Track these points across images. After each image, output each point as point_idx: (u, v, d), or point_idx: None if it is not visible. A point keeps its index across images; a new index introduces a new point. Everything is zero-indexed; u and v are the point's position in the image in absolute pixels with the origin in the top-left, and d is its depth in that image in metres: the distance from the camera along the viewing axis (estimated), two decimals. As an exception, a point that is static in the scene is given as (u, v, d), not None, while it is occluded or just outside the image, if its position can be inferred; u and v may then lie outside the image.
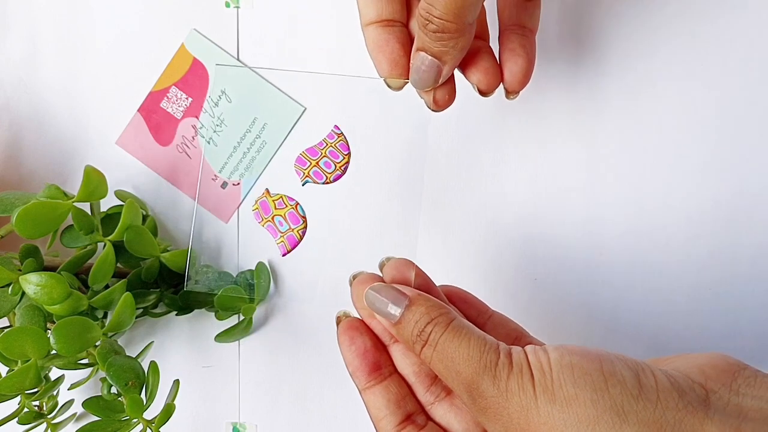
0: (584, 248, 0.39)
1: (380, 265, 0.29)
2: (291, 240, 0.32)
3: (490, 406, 0.23)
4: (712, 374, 0.22)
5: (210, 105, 0.39)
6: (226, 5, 0.40)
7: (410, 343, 0.25)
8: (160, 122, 0.40)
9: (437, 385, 0.28)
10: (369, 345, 0.28)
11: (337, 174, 0.32)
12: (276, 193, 0.32)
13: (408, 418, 0.27)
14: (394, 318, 0.26)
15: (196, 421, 0.42)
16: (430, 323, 0.25)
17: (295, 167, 0.32)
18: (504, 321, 0.30)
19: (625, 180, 0.38)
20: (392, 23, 0.29)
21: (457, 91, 0.30)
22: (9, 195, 0.35)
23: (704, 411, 0.21)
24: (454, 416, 0.28)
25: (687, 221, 0.38)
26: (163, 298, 0.39)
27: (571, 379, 0.22)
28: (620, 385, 0.21)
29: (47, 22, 0.41)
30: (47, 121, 0.41)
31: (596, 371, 0.22)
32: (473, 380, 0.23)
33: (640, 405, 0.21)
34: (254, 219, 0.32)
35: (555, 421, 0.21)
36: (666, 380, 0.22)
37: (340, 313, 0.29)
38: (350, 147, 0.32)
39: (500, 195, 0.39)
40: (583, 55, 0.38)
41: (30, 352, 0.32)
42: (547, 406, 0.22)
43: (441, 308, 0.25)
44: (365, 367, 0.28)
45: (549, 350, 0.23)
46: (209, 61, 0.40)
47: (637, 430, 0.21)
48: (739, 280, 0.38)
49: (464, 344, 0.24)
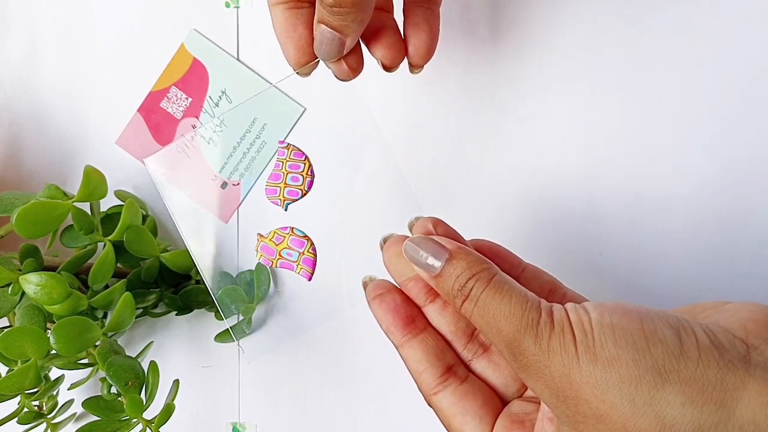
0: (584, 247, 0.39)
1: (409, 225, 0.29)
2: (308, 262, 0.32)
3: (531, 364, 0.23)
4: (753, 329, 0.22)
5: (210, 105, 0.39)
6: (226, 5, 0.40)
7: (450, 297, 0.25)
8: (160, 122, 0.40)
9: (474, 342, 0.28)
10: (399, 300, 0.28)
11: (308, 180, 0.32)
12: (268, 232, 0.32)
13: (449, 369, 0.27)
14: (434, 270, 0.25)
15: (196, 421, 0.42)
16: (472, 278, 0.24)
17: (270, 199, 0.32)
18: (538, 273, 0.30)
19: (625, 180, 0.38)
20: (300, 4, 0.29)
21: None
22: (9, 195, 0.35)
23: (745, 368, 0.21)
24: (492, 372, 0.28)
25: (686, 221, 0.38)
26: (163, 298, 0.39)
27: (612, 339, 0.22)
28: (661, 345, 0.21)
29: (47, 22, 0.41)
30: (47, 121, 0.41)
31: (637, 331, 0.22)
32: (515, 338, 0.23)
33: (681, 364, 0.21)
34: (265, 265, 0.31)
35: (597, 381, 0.21)
36: (706, 338, 0.22)
37: (366, 278, 0.29)
38: (303, 150, 0.32)
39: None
40: (583, 39, 0.38)
41: (30, 352, 0.32)
42: (589, 366, 0.22)
43: (483, 263, 0.25)
44: (399, 321, 0.27)
45: (589, 309, 0.23)
46: (209, 61, 0.40)
47: (678, 389, 0.21)
48: (739, 280, 0.38)
49: (506, 301, 0.24)
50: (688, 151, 0.38)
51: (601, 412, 0.21)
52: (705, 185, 0.38)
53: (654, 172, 0.38)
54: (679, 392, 0.21)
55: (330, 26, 0.27)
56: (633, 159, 0.38)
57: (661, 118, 0.38)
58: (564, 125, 0.39)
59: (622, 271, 0.39)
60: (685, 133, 0.38)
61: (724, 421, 0.20)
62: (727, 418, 0.20)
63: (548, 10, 0.38)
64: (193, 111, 0.40)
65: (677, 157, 0.38)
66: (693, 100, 0.38)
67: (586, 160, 0.38)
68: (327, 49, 0.28)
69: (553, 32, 0.38)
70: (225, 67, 0.40)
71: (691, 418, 0.20)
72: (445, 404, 0.27)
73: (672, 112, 0.38)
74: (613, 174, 0.38)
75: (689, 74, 0.38)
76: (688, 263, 0.38)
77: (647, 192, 0.38)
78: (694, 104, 0.38)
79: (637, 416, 0.21)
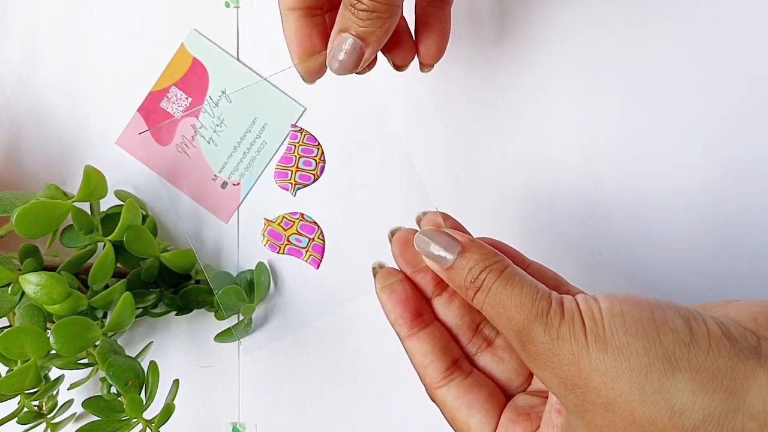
0: (584, 246, 0.39)
1: (417, 219, 0.29)
2: (317, 249, 0.31)
3: (540, 353, 0.23)
4: (764, 322, 0.22)
5: (210, 105, 0.39)
6: (226, 5, 0.40)
7: (462, 289, 0.25)
8: (160, 122, 0.40)
9: (478, 337, 0.28)
10: (410, 292, 0.28)
11: (321, 166, 0.32)
12: (275, 216, 0.32)
13: (454, 363, 0.27)
14: (446, 263, 0.26)
15: (196, 421, 0.42)
16: (484, 270, 0.25)
17: (279, 183, 0.31)
18: (542, 270, 0.30)
19: (625, 179, 0.38)
20: (315, 11, 0.29)
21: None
22: (9, 195, 0.35)
23: (756, 359, 0.21)
24: (496, 366, 0.28)
25: (687, 219, 0.38)
26: (162, 298, 0.39)
27: (622, 327, 0.22)
28: (672, 333, 0.21)
29: (47, 22, 0.41)
30: (47, 121, 0.41)
31: (647, 319, 0.22)
32: (524, 326, 0.23)
33: (692, 353, 0.21)
34: (271, 252, 0.31)
35: (606, 369, 0.21)
36: (717, 328, 0.22)
37: (375, 264, 0.29)
38: (315, 136, 0.32)
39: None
40: (584, 39, 0.38)
41: (30, 352, 0.32)
42: (599, 354, 0.22)
43: (495, 255, 0.25)
44: (408, 314, 0.27)
45: (600, 299, 0.23)
46: (209, 61, 0.40)
47: (688, 378, 0.21)
48: (739, 278, 0.38)
49: (517, 291, 0.24)
50: (688, 151, 0.38)
51: (610, 400, 0.21)
52: (705, 184, 0.38)
53: (654, 172, 0.38)
54: (689, 380, 0.21)
55: (354, 32, 0.27)
56: (633, 158, 0.38)
57: (661, 118, 0.38)
58: (565, 125, 0.39)
59: (622, 270, 0.39)
60: (685, 132, 0.38)
61: (734, 410, 0.20)
62: (737, 406, 0.20)
63: (550, 11, 0.38)
64: (193, 111, 0.40)
65: (677, 157, 0.38)
66: (693, 100, 0.38)
67: (586, 160, 0.39)
68: (346, 59, 0.27)
69: (554, 33, 0.38)
70: (225, 67, 0.40)
71: (701, 405, 0.20)
72: (450, 398, 0.27)
73: (672, 111, 0.38)
74: (614, 173, 0.38)
75: (689, 74, 0.38)
76: (688, 262, 0.38)
77: (647, 191, 0.38)
78: (694, 104, 0.38)
79: (647, 404, 0.21)
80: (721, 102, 0.37)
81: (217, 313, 0.40)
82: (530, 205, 0.39)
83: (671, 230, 0.38)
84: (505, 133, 0.39)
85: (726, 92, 0.37)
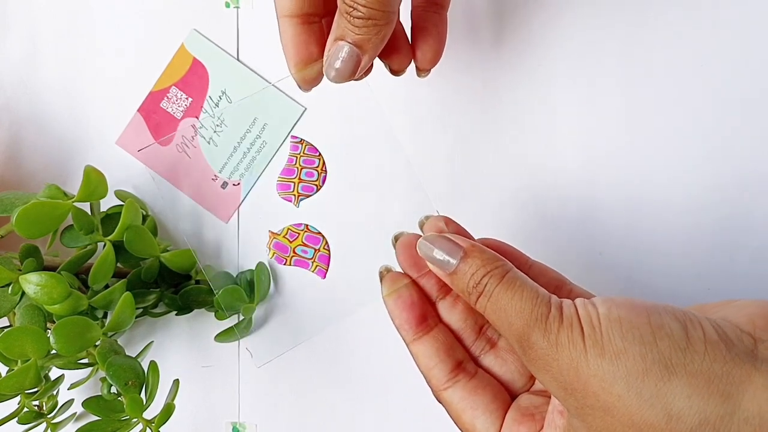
0: (584, 247, 0.39)
1: (420, 224, 0.29)
2: (323, 259, 0.32)
3: (540, 357, 0.23)
4: (761, 324, 0.22)
5: (210, 105, 0.39)
6: (226, 5, 0.40)
7: (465, 293, 0.26)
8: (160, 122, 0.40)
9: (482, 339, 0.29)
10: (416, 297, 0.28)
11: (323, 176, 0.32)
12: (280, 229, 0.32)
13: (459, 365, 0.28)
14: (449, 267, 0.26)
15: (196, 421, 0.42)
16: (486, 275, 0.25)
17: (281, 195, 0.32)
18: (544, 270, 0.30)
19: (625, 180, 0.38)
20: (312, 18, 0.28)
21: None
22: (9, 195, 0.35)
23: (751, 362, 0.21)
24: (500, 367, 0.28)
25: (686, 221, 0.38)
26: (163, 298, 0.39)
27: (619, 333, 0.22)
28: (668, 338, 0.22)
29: (47, 22, 0.41)
30: (47, 121, 0.41)
31: (644, 325, 0.22)
32: (524, 332, 0.23)
33: (688, 358, 0.21)
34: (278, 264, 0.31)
35: (604, 374, 0.22)
36: (713, 331, 0.22)
37: (382, 268, 0.29)
38: (317, 147, 0.32)
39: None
40: (583, 40, 0.38)
41: (30, 352, 0.32)
42: (597, 359, 0.22)
43: (497, 260, 0.26)
44: (413, 319, 0.28)
45: (598, 304, 0.23)
46: (209, 61, 0.40)
47: (685, 383, 0.21)
48: (738, 280, 0.38)
49: (517, 296, 0.24)
50: (688, 152, 0.38)
51: (609, 405, 0.22)
52: (705, 185, 0.38)
53: (654, 173, 0.38)
54: (686, 385, 0.21)
55: (351, 40, 0.27)
56: (633, 159, 0.38)
57: (661, 119, 0.38)
58: (565, 125, 0.39)
59: (622, 271, 0.39)
60: (685, 133, 0.38)
61: (729, 414, 0.20)
62: (732, 410, 0.20)
63: (549, 14, 0.38)
64: (193, 111, 0.40)
65: (677, 158, 0.38)
66: (693, 100, 0.38)
67: (586, 161, 0.39)
68: (343, 67, 0.27)
69: (553, 34, 0.38)
70: (225, 68, 0.40)
71: (697, 410, 0.21)
72: (455, 399, 0.27)
73: (672, 112, 0.38)
74: (614, 174, 0.38)
75: (689, 76, 0.38)
76: (687, 263, 0.38)
77: (647, 192, 0.38)
78: (694, 104, 0.38)
79: (644, 408, 0.21)
80: (721, 104, 0.37)
81: (217, 313, 0.40)
82: (531, 206, 0.39)
83: (671, 231, 0.38)
84: (506, 136, 0.39)
85: (727, 94, 0.37)
